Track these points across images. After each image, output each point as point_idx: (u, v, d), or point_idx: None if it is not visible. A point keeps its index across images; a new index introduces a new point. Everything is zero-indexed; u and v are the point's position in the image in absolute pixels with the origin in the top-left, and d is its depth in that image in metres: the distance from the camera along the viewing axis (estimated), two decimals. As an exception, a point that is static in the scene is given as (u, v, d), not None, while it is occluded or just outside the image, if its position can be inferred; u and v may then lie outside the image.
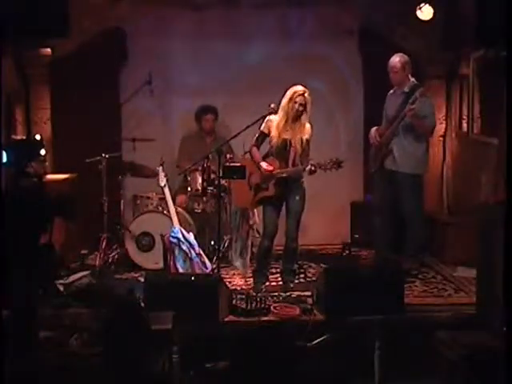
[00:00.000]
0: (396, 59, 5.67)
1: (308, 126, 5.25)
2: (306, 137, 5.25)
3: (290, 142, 5.23)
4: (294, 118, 5.17)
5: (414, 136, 5.65)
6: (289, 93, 5.17)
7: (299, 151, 5.23)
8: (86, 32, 6.56)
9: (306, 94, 5.14)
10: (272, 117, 5.29)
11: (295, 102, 5.13)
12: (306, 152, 5.28)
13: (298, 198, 5.28)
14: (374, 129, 5.88)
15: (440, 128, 6.73)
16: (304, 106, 5.15)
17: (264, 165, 5.21)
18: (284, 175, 5.22)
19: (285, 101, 5.18)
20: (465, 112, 6.61)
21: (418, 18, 6.14)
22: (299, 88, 5.16)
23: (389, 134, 5.72)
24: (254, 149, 5.33)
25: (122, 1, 6.68)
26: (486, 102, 6.18)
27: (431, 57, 6.69)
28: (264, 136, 5.30)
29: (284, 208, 5.35)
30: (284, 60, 6.92)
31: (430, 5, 6.06)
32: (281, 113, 5.21)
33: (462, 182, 6.68)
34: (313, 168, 5.06)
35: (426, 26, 6.30)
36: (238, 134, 5.31)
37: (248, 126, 5.26)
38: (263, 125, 5.32)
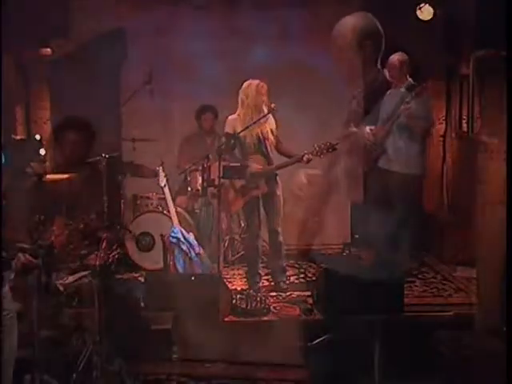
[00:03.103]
0: (395, 58, 5.68)
1: (270, 115, 5.23)
2: (274, 125, 5.25)
3: (263, 134, 5.22)
4: (259, 110, 5.15)
5: (408, 135, 5.64)
6: (253, 88, 5.16)
7: (274, 142, 5.25)
8: (86, 32, 6.57)
9: (263, 84, 5.17)
10: (232, 117, 5.29)
11: (262, 94, 5.13)
12: (280, 140, 5.29)
13: (278, 192, 5.28)
14: (367, 128, 5.86)
15: (440, 128, 6.73)
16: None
17: (255, 164, 5.21)
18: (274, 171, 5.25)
19: (251, 97, 5.16)
20: (465, 112, 6.60)
21: (418, 17, 6.14)
22: (256, 80, 5.18)
23: (383, 133, 5.71)
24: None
25: (122, 1, 6.68)
26: (486, 102, 6.16)
27: (431, 57, 6.69)
28: (231, 137, 5.27)
29: (262, 204, 5.35)
30: (284, 60, 6.92)
31: (429, 5, 6.06)
32: (244, 110, 5.19)
33: (462, 182, 6.67)
34: (310, 156, 5.09)
35: (426, 26, 6.30)
36: (239, 133, 5.30)
37: (248, 126, 5.25)
38: (227, 126, 5.32)
